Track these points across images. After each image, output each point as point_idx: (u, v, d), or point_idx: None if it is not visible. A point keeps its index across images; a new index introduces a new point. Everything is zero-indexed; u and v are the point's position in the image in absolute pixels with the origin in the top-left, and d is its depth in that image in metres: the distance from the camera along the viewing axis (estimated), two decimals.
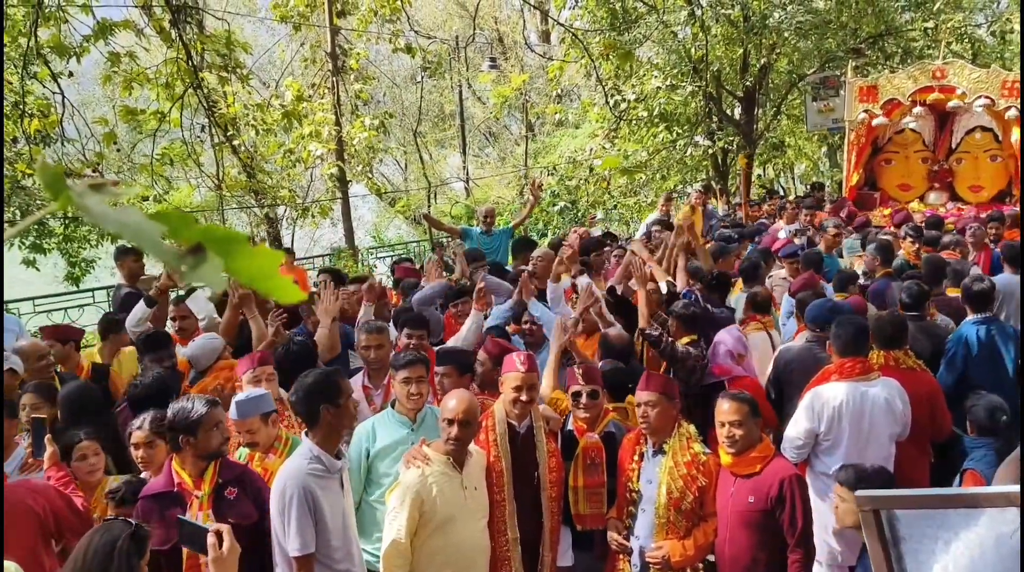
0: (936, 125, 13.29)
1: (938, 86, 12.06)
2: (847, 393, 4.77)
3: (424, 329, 5.67)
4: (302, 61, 15.54)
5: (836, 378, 4.86)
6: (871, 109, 12.44)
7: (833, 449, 4.84)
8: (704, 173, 18.38)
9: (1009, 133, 12.15)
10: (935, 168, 13.16)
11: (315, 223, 16.21)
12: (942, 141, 13.26)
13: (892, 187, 13.40)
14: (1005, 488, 1.49)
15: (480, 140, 32.11)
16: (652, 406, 4.27)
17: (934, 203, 12.85)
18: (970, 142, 12.90)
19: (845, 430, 4.77)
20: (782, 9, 13.72)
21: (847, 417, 4.75)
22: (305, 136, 13.27)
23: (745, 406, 4.12)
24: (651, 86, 14.79)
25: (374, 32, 14.30)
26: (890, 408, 4.83)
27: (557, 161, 19.00)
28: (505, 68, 25.49)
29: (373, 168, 16.52)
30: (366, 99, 15.15)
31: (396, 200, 25.46)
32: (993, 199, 12.65)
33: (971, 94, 11.71)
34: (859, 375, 4.83)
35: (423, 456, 3.92)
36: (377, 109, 18.69)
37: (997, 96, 11.56)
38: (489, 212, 10.33)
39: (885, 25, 15.88)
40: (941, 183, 13.07)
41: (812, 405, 4.82)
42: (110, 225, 0.59)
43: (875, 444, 4.84)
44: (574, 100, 28.13)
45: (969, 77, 11.81)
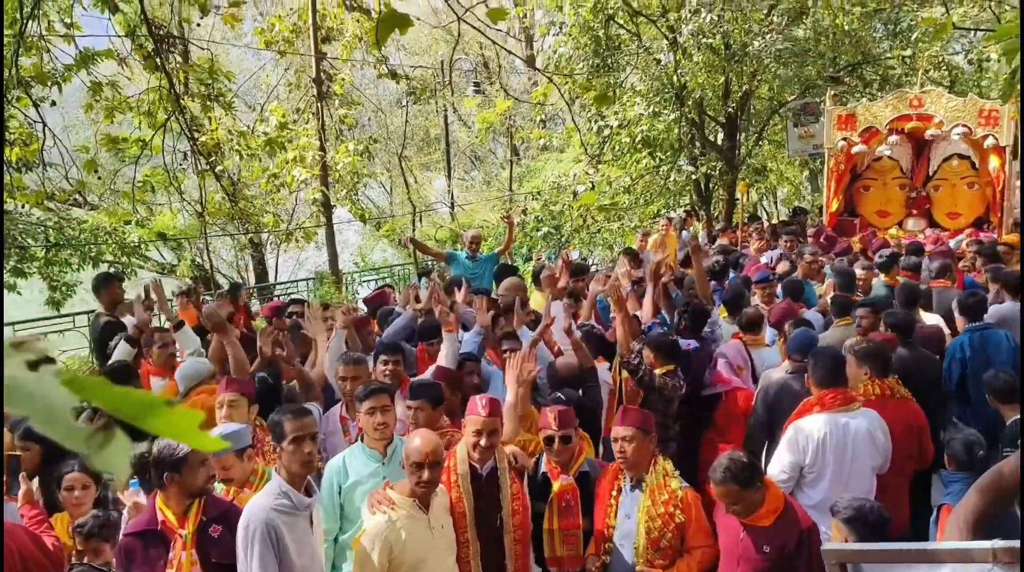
0: (913, 153, 13.40)
1: (916, 114, 12.16)
2: (830, 425, 4.75)
3: (399, 355, 5.63)
4: (287, 86, 15.56)
5: (817, 410, 4.84)
6: (849, 136, 12.53)
7: (817, 481, 4.81)
8: (687, 198, 18.46)
9: (987, 161, 12.26)
10: (913, 195, 13.26)
11: (299, 247, 16.15)
12: (919, 168, 13.37)
13: (871, 213, 13.49)
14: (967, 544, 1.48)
15: (466, 164, 32.19)
16: (629, 441, 4.23)
17: (912, 230, 12.93)
18: (947, 169, 13.01)
19: (829, 462, 4.75)
20: (762, 38, 13.86)
21: (831, 449, 4.73)
22: (289, 161, 13.25)
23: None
24: (634, 112, 14.86)
25: (359, 58, 14.34)
26: (872, 439, 4.82)
27: (541, 186, 19.05)
28: (490, 93, 25.62)
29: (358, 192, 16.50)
30: (351, 124, 15.15)
31: (381, 224, 25.43)
32: (971, 225, 12.73)
33: (948, 122, 11.81)
34: (840, 406, 4.82)
35: (388, 500, 3.80)
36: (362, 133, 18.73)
37: (974, 124, 11.65)
38: (475, 237, 10.31)
39: (863, 54, 16.06)
40: (919, 210, 13.16)
41: (795, 438, 4.80)
42: (19, 405, 0.56)
43: (858, 476, 4.83)
44: (559, 124, 28.28)
45: (946, 106, 11.92)
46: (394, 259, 25.48)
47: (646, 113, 14.84)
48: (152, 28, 6.66)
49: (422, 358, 6.21)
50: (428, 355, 6.22)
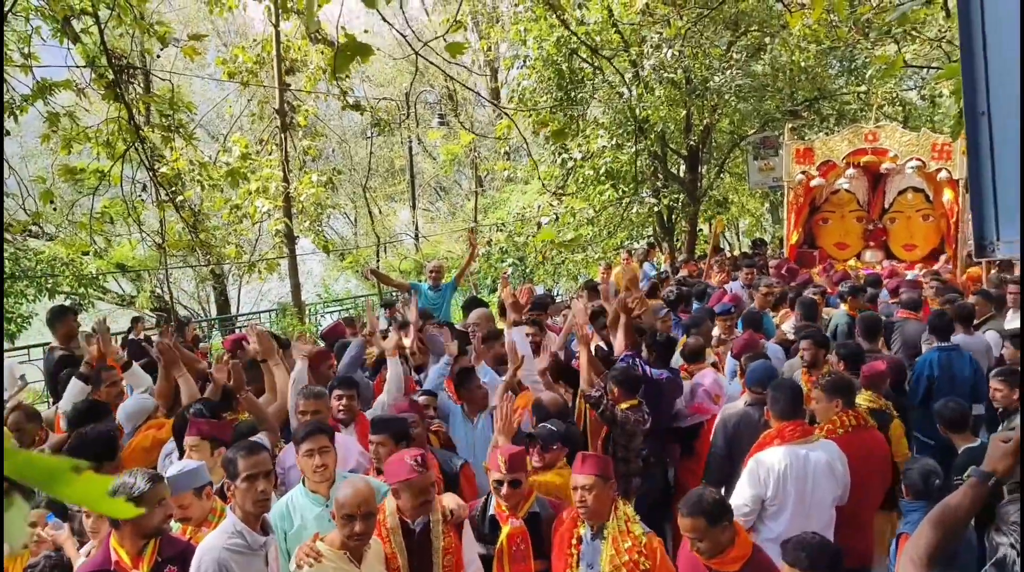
0: (870, 185, 13.67)
1: (871, 148, 12.42)
2: (790, 457, 4.75)
3: (354, 389, 5.54)
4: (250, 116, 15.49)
5: (778, 443, 4.85)
6: (808, 170, 12.75)
7: (778, 514, 4.81)
8: (651, 229, 18.63)
9: (940, 193, 12.53)
10: (870, 227, 13.51)
11: (262, 278, 16.01)
12: (875, 201, 13.63)
13: (830, 246, 13.72)
14: None
15: (430, 194, 32.23)
16: (589, 490, 4.08)
17: (870, 261, 13.16)
18: (902, 202, 13.28)
19: (791, 494, 4.75)
20: (722, 73, 14.12)
21: (791, 481, 4.73)
22: (252, 192, 13.15)
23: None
24: (597, 145, 15.01)
25: (323, 90, 14.33)
26: (831, 471, 4.84)
27: (506, 217, 19.11)
28: (455, 124, 25.72)
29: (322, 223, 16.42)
30: (315, 155, 15.11)
31: (345, 255, 25.32)
32: (927, 257, 12.98)
33: (903, 156, 12.07)
34: (800, 438, 4.84)
35: (316, 554, 3.60)
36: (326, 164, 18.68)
37: (928, 158, 11.90)
38: (436, 268, 10.30)
39: (819, 90, 16.41)
40: (876, 242, 13.40)
41: (756, 471, 4.80)
42: None
43: (818, 508, 4.83)
44: (523, 156, 28.44)
45: (900, 140, 12.18)
46: (358, 290, 25.32)
47: (609, 145, 14.99)
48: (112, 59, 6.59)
49: (380, 390, 6.14)
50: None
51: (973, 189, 1.71)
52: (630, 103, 14.40)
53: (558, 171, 16.52)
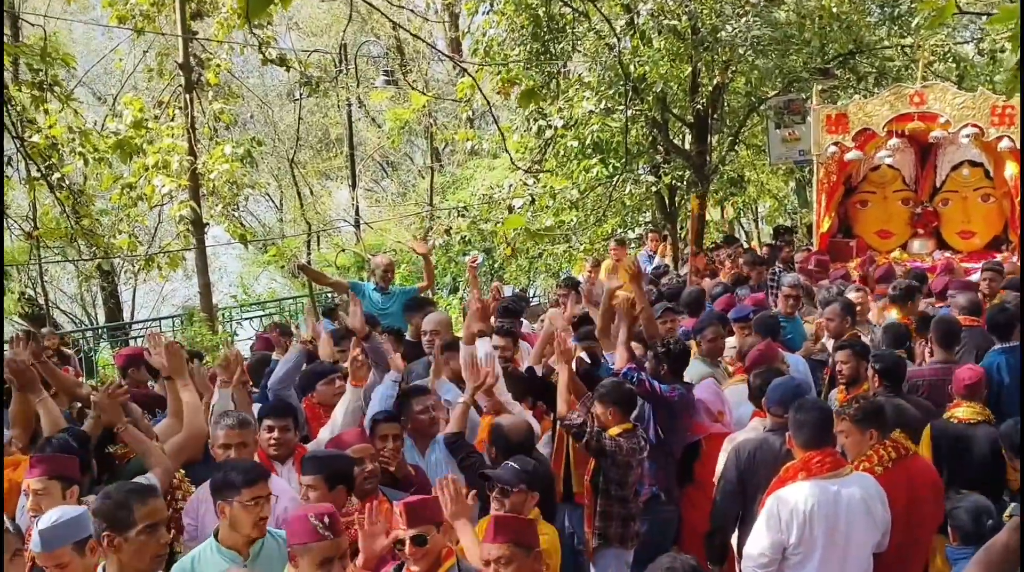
0: (917, 160, 13.75)
1: (917, 113, 12.48)
2: (818, 495, 4.79)
3: (290, 417, 5.53)
4: (146, 72, 15.34)
5: (803, 477, 4.89)
6: (841, 141, 12.81)
7: (803, 564, 4.86)
8: (650, 214, 18.68)
9: (1002, 167, 12.62)
10: (918, 211, 13.57)
11: (163, 276, 15.84)
12: (925, 179, 13.72)
13: (869, 234, 13.78)
14: None
15: (375, 171, 32.12)
16: (504, 564, 3.96)
17: (919, 252, 13.24)
18: (957, 179, 13.35)
19: (818, 540, 4.79)
20: (736, 20, 14.14)
21: (819, 524, 4.77)
22: (149, 167, 13.01)
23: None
24: (582, 110, 15.00)
25: (239, 40, 14.23)
26: (868, 511, 4.88)
27: (469, 199, 19.07)
28: (404, 84, 25.61)
29: (238, 207, 16.28)
30: (228, 122, 14.98)
31: (268, 246, 25.19)
32: (987, 246, 13.09)
33: (956, 122, 12.13)
34: (829, 471, 4.87)
35: None
36: (243, 133, 18.53)
37: (986, 124, 11.95)
38: (386, 265, 10.24)
39: (855, 42, 16.50)
40: (926, 228, 13.48)
41: (776, 512, 4.84)
42: None
43: (854, 555, 4.88)
44: (491, 123, 28.33)
45: (953, 102, 12.25)
46: (284, 291, 25.19)
47: (597, 110, 14.98)
48: None
49: (313, 415, 6.09)
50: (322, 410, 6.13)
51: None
52: (622, 57, 14.41)
53: (534, 142, 16.50)
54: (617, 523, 5.88)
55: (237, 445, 5.00)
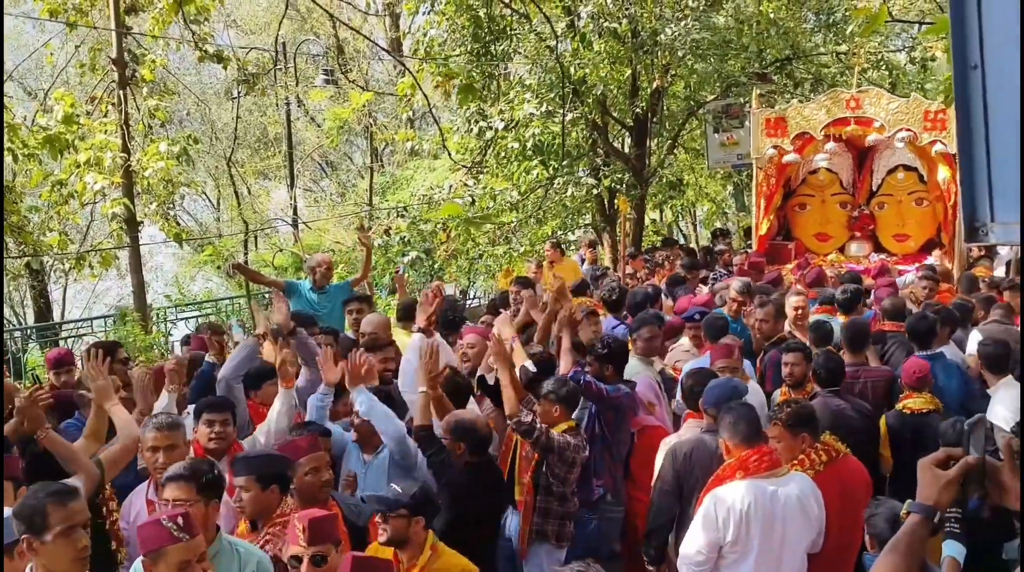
0: (854, 164, 13.99)
1: (853, 117, 12.70)
2: (754, 494, 4.81)
3: (229, 412, 5.45)
4: (78, 67, 15.03)
5: (740, 476, 4.91)
6: (780, 144, 12.98)
7: (739, 563, 4.87)
8: (590, 217, 18.73)
9: (935, 172, 12.87)
10: (855, 214, 13.80)
11: (94, 276, 15.55)
12: (862, 182, 13.95)
13: (808, 237, 13.99)
14: None
15: (314, 171, 31.87)
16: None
17: (856, 254, 13.47)
18: (892, 183, 13.62)
19: (755, 539, 4.81)
20: (676, 24, 14.25)
21: (756, 523, 4.79)
22: (81, 165, 12.76)
23: None
24: (523, 112, 15.02)
25: (175, 35, 14.01)
26: (804, 511, 4.92)
27: (409, 200, 18.99)
28: (344, 83, 25.42)
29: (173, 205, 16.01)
30: (164, 119, 14.72)
31: (204, 246, 24.86)
32: (921, 249, 13.35)
33: (890, 127, 12.38)
34: (767, 470, 4.91)
35: None
36: (179, 132, 18.27)
37: (919, 129, 12.23)
38: (323, 262, 10.16)
39: (792, 47, 16.73)
40: (863, 231, 13.71)
41: (713, 511, 4.85)
42: None
43: (789, 555, 4.92)
44: (431, 124, 28.31)
45: (887, 107, 12.48)
46: (221, 291, 24.88)
47: (538, 112, 15.01)
48: None
49: (255, 413, 6.00)
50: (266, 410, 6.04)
51: (963, 161, 1.74)
52: (563, 60, 14.45)
53: (474, 143, 16.48)
54: (555, 521, 5.90)
55: (166, 448, 4.91)
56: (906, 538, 2.36)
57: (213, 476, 4.35)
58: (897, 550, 2.36)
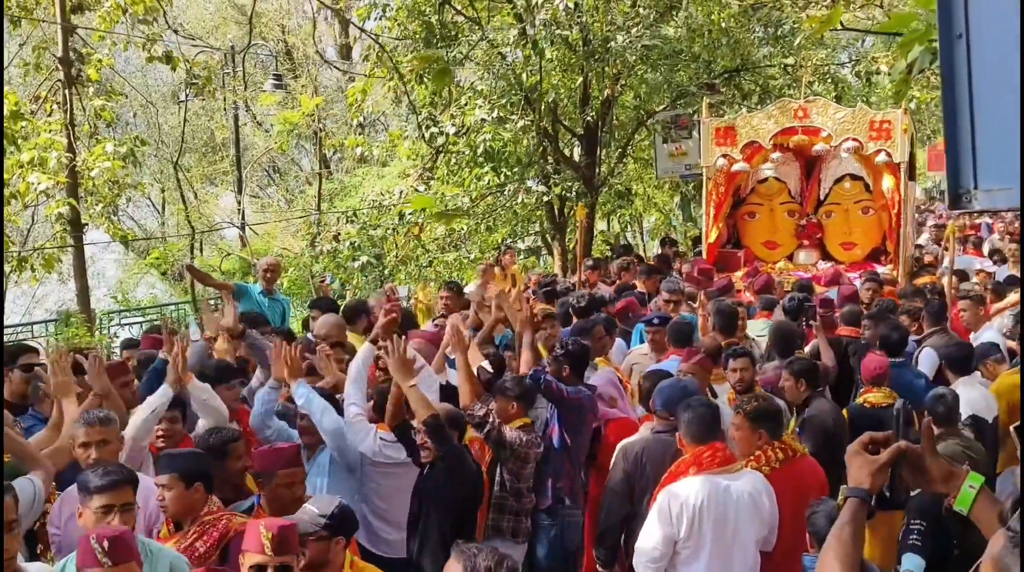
0: (802, 173, 14.16)
1: (801, 127, 12.85)
2: (708, 489, 4.86)
3: (177, 408, 5.46)
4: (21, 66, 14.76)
5: (694, 471, 4.95)
6: (730, 153, 13.09)
7: (693, 558, 4.91)
8: (538, 224, 18.75)
9: (880, 181, 13.09)
10: (803, 222, 13.95)
11: (36, 278, 15.25)
12: (809, 191, 14.11)
13: (757, 245, 14.12)
14: None
15: (261, 177, 31.62)
16: None
17: (804, 262, 13.62)
18: (839, 192, 13.80)
19: (707, 534, 4.85)
20: (627, 32, 14.32)
21: (708, 518, 4.83)
22: (25, 164, 12.51)
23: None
24: (475, 117, 14.99)
25: (122, 34, 13.81)
26: (756, 506, 4.96)
27: (359, 205, 18.88)
28: (294, 88, 25.30)
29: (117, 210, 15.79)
30: (110, 119, 14.51)
31: (149, 250, 24.52)
32: (867, 258, 13.56)
33: (837, 136, 12.53)
34: (720, 466, 4.94)
35: None
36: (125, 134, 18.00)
37: (865, 139, 12.38)
38: (271, 266, 10.16)
39: (741, 59, 16.92)
40: (811, 240, 13.87)
41: (667, 506, 4.88)
42: None
43: (740, 551, 4.96)
44: (380, 131, 28.21)
45: (834, 117, 12.64)
46: (166, 297, 24.57)
47: (489, 118, 15.00)
48: None
49: None
50: None
51: (948, 129, 1.75)
52: (515, 67, 14.46)
53: (425, 149, 16.43)
54: (510, 517, 5.92)
55: (97, 443, 4.79)
56: (849, 524, 2.37)
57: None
58: (842, 537, 2.36)
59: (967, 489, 2.38)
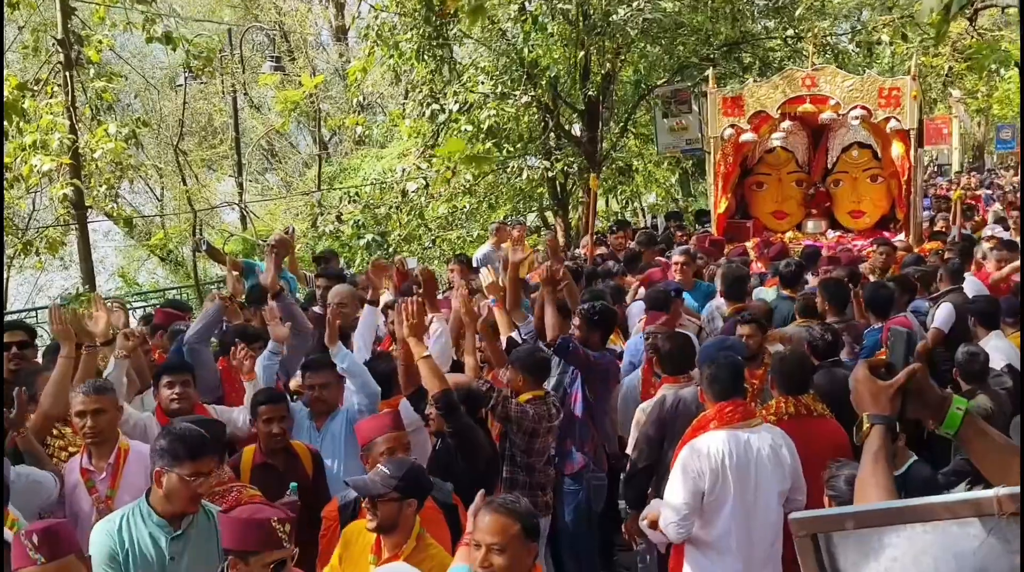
0: (810, 142, 14.16)
1: (809, 95, 12.83)
2: (730, 443, 4.88)
3: (187, 373, 5.45)
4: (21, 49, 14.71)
5: (715, 426, 4.97)
6: (737, 123, 13.08)
7: (716, 513, 4.93)
8: (540, 201, 18.73)
9: (889, 148, 13.07)
10: (811, 192, 13.96)
11: (40, 263, 15.21)
12: (817, 160, 14.12)
13: (765, 215, 14.12)
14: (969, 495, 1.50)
15: (259, 161, 31.56)
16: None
17: (812, 232, 13.63)
18: (847, 161, 13.80)
19: (730, 488, 4.87)
20: (627, 5, 14.27)
21: (732, 471, 4.86)
22: (27, 147, 12.48)
23: (515, 523, 3.56)
24: (477, 94, 14.96)
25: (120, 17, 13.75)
26: (777, 459, 4.98)
27: (360, 184, 18.86)
28: (291, 70, 25.23)
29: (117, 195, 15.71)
30: (111, 101, 14.45)
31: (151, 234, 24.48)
32: (876, 226, 13.56)
33: (845, 104, 12.52)
34: (741, 420, 4.97)
35: None
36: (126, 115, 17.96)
37: (874, 106, 12.38)
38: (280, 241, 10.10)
39: (741, 32, 16.86)
40: (819, 209, 13.89)
41: (690, 463, 4.90)
42: None
43: (764, 504, 4.97)
44: (378, 114, 28.18)
45: (842, 85, 12.62)
46: (167, 282, 24.56)
47: (492, 95, 14.96)
48: None
49: (226, 376, 5.91)
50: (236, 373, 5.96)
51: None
52: (515, 42, 14.41)
53: (427, 127, 16.40)
54: (524, 491, 5.75)
55: (93, 412, 4.78)
56: (881, 450, 2.35)
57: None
58: (877, 464, 2.34)
59: (954, 411, 2.37)
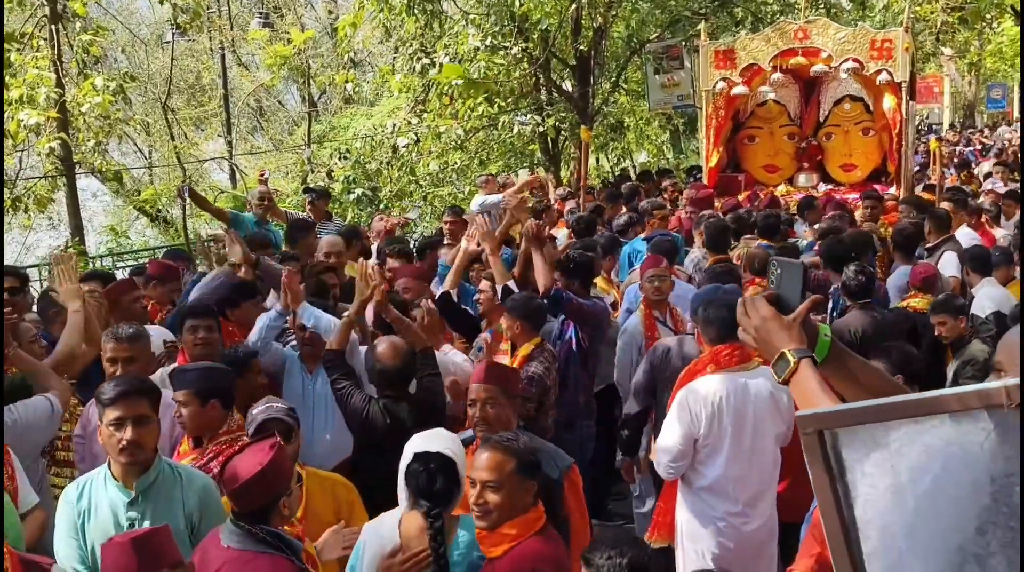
0: (801, 95, 14.08)
1: (801, 48, 12.74)
2: (726, 386, 4.88)
3: (212, 319, 5.39)
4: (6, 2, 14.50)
5: (711, 369, 4.96)
6: (729, 76, 13.02)
7: (712, 456, 4.93)
8: (531, 158, 18.67)
9: (881, 101, 13.01)
10: (803, 145, 13.91)
11: (28, 220, 15.13)
12: (809, 114, 14.05)
13: (757, 168, 14.08)
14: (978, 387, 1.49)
15: (248, 120, 31.36)
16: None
17: (804, 185, 13.57)
18: (839, 114, 13.73)
19: (727, 430, 4.87)
20: None
21: (728, 414, 4.85)
22: (13, 102, 12.36)
23: (510, 460, 3.55)
24: (468, 47, 14.86)
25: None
26: (775, 402, 4.95)
27: (350, 141, 18.78)
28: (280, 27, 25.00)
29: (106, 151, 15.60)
30: (98, 55, 14.32)
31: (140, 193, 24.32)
32: (867, 179, 13.51)
33: (837, 57, 12.45)
34: (738, 364, 4.96)
35: None
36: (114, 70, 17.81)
37: (866, 59, 12.32)
38: (265, 195, 10.13)
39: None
40: (810, 162, 13.84)
41: (687, 404, 4.90)
42: None
43: (760, 447, 4.97)
44: (367, 72, 27.99)
45: (834, 37, 12.54)
46: (156, 240, 24.43)
47: (483, 47, 14.87)
48: None
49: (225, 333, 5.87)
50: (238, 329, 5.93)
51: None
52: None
53: (417, 82, 16.31)
54: None
55: (124, 360, 4.80)
56: (823, 380, 2.28)
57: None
58: (826, 390, 2.26)
59: (823, 338, 2.38)
